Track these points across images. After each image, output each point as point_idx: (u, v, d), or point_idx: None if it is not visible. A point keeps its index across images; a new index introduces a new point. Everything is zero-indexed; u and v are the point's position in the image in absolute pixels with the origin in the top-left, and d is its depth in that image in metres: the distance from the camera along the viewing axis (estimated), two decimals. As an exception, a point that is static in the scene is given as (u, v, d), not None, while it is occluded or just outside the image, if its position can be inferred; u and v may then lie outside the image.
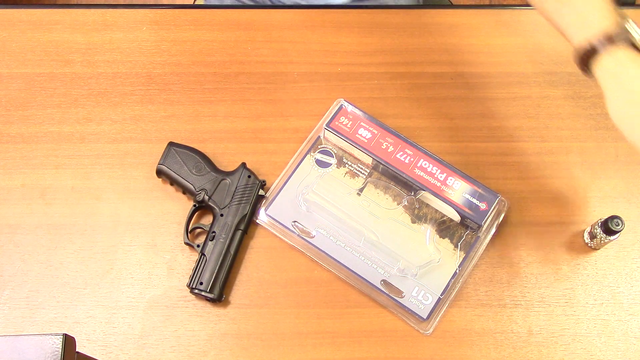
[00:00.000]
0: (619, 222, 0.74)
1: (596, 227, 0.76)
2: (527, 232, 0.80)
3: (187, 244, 0.77)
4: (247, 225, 0.78)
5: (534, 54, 0.90)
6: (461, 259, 0.77)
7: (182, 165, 0.79)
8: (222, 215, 0.77)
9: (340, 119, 0.81)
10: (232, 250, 0.76)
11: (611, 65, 0.62)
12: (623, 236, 0.78)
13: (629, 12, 0.94)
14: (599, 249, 0.79)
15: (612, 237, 0.75)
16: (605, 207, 0.81)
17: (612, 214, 0.74)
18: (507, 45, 0.91)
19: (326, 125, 0.81)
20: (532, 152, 0.84)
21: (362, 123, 0.80)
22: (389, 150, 0.79)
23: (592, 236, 0.77)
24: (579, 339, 0.75)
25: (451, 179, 0.78)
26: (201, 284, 0.73)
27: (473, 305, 0.76)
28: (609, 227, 0.74)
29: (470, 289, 0.77)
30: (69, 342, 0.48)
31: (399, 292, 0.75)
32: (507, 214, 0.79)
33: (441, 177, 0.78)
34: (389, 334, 0.74)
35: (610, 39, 0.61)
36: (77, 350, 0.50)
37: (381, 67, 0.89)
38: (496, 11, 0.94)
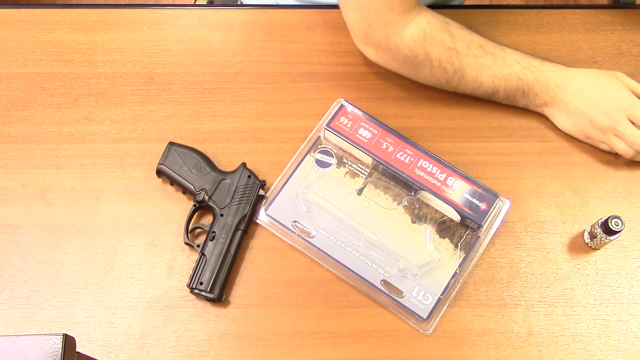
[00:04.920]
0: (619, 222, 0.74)
1: (596, 227, 0.76)
2: (527, 232, 0.80)
3: (187, 244, 0.77)
4: (247, 225, 0.78)
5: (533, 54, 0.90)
6: (461, 259, 0.77)
7: (182, 165, 0.79)
8: (222, 215, 0.77)
9: (340, 119, 0.81)
10: (232, 250, 0.76)
11: None
12: (623, 236, 0.78)
13: (629, 12, 0.94)
14: (599, 249, 0.79)
15: (612, 237, 0.75)
16: (605, 207, 0.81)
17: (612, 214, 0.75)
18: (507, 45, 0.90)
19: (326, 125, 0.81)
20: (532, 152, 0.84)
21: (362, 123, 0.80)
22: (389, 150, 0.79)
23: (592, 236, 0.77)
24: (579, 339, 0.75)
25: (451, 179, 0.78)
26: (201, 284, 0.73)
27: (473, 305, 0.76)
28: (609, 227, 0.74)
29: (470, 289, 0.77)
30: (69, 342, 0.48)
31: (399, 292, 0.75)
32: (507, 214, 0.79)
33: (441, 177, 0.78)
34: (389, 334, 0.74)
35: None
36: (77, 350, 0.50)
37: (381, 67, 0.89)
38: (496, 11, 0.94)
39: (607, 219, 0.74)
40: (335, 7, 0.93)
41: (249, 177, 0.79)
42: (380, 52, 0.80)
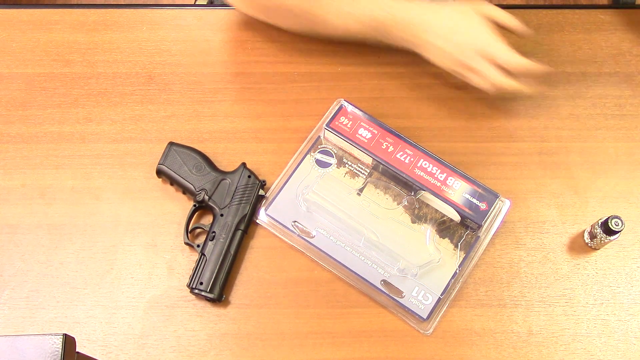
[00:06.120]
0: (619, 222, 0.74)
1: (596, 227, 0.76)
2: (527, 232, 0.80)
3: (187, 244, 0.77)
4: (247, 225, 0.78)
5: (533, 54, 0.90)
6: (461, 259, 0.77)
7: (182, 165, 0.79)
8: (222, 215, 0.77)
9: (340, 119, 0.81)
10: (232, 250, 0.76)
11: None
12: (623, 236, 0.78)
13: (629, 12, 0.94)
14: (599, 249, 0.79)
15: (612, 237, 0.75)
16: (605, 207, 0.81)
17: (612, 214, 0.75)
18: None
19: (326, 125, 0.81)
20: (532, 152, 0.84)
21: (362, 123, 0.80)
22: (389, 150, 0.79)
23: (592, 236, 0.77)
24: (579, 339, 0.75)
25: (451, 179, 0.78)
26: (201, 284, 0.74)
27: (473, 305, 0.76)
28: (609, 227, 0.74)
29: (470, 289, 0.77)
30: (69, 342, 0.48)
31: (399, 292, 0.75)
32: (507, 214, 0.79)
33: (441, 177, 0.78)
34: (389, 334, 0.74)
35: None
36: (77, 350, 0.50)
37: (381, 67, 0.89)
38: (496, 11, 0.94)
39: (607, 219, 0.74)
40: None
41: (249, 177, 0.79)
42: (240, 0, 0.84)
